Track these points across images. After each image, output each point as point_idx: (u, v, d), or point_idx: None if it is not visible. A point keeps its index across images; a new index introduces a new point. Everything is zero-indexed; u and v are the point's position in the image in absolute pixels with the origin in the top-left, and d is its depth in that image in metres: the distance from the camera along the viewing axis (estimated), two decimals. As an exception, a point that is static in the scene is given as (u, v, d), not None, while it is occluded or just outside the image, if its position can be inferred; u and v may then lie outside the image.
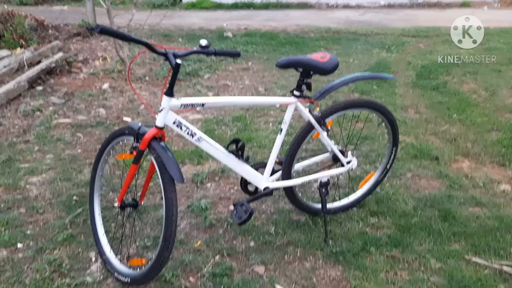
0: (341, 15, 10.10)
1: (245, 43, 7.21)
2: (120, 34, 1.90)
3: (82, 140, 3.67)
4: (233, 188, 2.93)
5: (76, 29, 7.54)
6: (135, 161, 2.03)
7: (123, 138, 2.15)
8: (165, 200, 1.92)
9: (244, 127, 3.87)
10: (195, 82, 5.18)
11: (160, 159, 1.93)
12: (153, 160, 1.97)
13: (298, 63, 2.23)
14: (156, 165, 1.95)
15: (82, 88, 4.92)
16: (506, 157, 3.21)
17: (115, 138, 2.19)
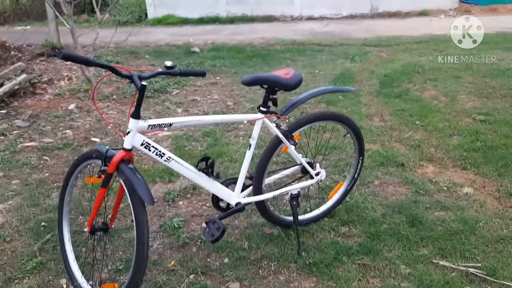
0: (305, 27, 10.30)
1: (212, 57, 7.26)
2: (83, 59, 1.90)
3: (49, 163, 3.60)
4: (205, 204, 2.93)
5: (39, 49, 7.41)
6: (104, 185, 2.01)
7: (91, 162, 2.14)
8: (136, 222, 1.91)
9: (214, 142, 3.89)
10: (164, 98, 5.17)
11: (129, 182, 1.93)
12: (122, 183, 1.96)
13: (263, 80, 2.28)
14: (125, 188, 1.95)
15: (47, 110, 4.84)
16: (467, 160, 3.34)
17: (82, 161, 2.17)
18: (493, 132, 3.82)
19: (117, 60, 7.21)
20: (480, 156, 3.38)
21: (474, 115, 4.20)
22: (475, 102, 4.61)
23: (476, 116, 4.17)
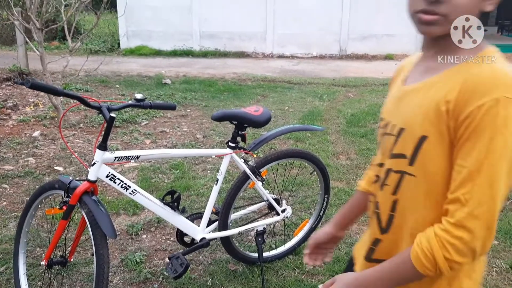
0: (276, 65, 10.56)
1: (183, 90, 7.30)
2: (51, 89, 1.88)
3: (8, 191, 3.47)
4: (170, 239, 2.88)
5: (6, 74, 7.28)
6: (65, 217, 1.96)
7: (53, 192, 2.08)
8: (96, 256, 1.86)
9: (181, 175, 3.86)
10: (132, 129, 5.13)
11: (91, 214, 1.88)
12: (84, 215, 1.92)
13: (232, 116, 2.32)
14: (87, 220, 1.90)
15: (10, 136, 4.70)
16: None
17: (44, 191, 2.11)
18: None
19: (87, 88, 7.14)
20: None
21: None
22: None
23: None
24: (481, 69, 0.90)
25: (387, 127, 1.05)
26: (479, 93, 0.85)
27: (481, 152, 0.85)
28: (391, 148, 1.01)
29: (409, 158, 0.95)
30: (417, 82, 1.00)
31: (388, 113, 1.08)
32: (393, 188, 1.01)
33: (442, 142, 0.90)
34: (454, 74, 0.92)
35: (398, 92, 1.06)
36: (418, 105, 0.95)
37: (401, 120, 0.99)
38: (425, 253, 0.89)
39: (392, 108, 1.07)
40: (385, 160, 1.04)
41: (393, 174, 1.00)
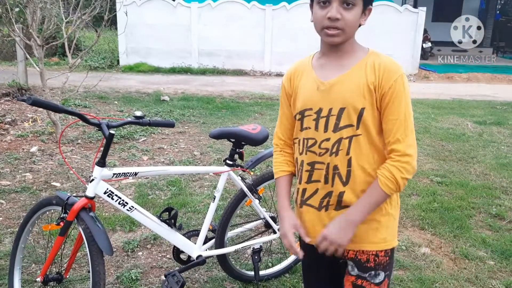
0: (274, 83, 10.65)
1: (182, 107, 7.34)
2: (52, 106, 1.90)
3: (4, 207, 3.46)
4: (166, 256, 2.87)
5: (5, 89, 7.30)
6: (62, 233, 1.96)
7: (50, 208, 2.09)
8: (92, 273, 1.85)
9: (178, 192, 3.86)
10: (130, 145, 5.14)
11: (88, 230, 1.89)
12: (81, 231, 1.92)
13: (230, 134, 2.34)
14: (84, 236, 1.91)
15: (8, 151, 4.71)
16: (425, 220, 3.45)
17: (42, 207, 2.12)
18: (449, 194, 3.99)
19: (85, 104, 7.17)
20: (437, 217, 3.50)
21: (431, 177, 4.38)
22: (432, 164, 4.82)
23: (434, 178, 4.35)
24: (382, 59, 1.40)
25: (320, 112, 1.44)
26: (391, 73, 1.37)
27: (402, 108, 1.36)
28: (336, 124, 1.41)
29: (355, 125, 1.40)
30: (336, 76, 1.42)
31: (313, 103, 1.46)
32: (346, 150, 1.41)
33: (373, 109, 1.39)
34: (363, 66, 1.40)
35: (322, 86, 1.44)
36: (350, 90, 1.39)
37: (336, 104, 1.41)
38: (389, 179, 1.37)
39: (317, 98, 1.45)
40: (330, 134, 1.42)
41: (344, 140, 1.41)
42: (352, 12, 1.35)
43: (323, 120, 1.43)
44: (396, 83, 1.35)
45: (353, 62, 1.41)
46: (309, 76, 1.49)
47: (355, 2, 1.35)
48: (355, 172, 1.41)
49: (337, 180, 1.43)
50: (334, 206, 1.46)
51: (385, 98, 1.37)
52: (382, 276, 1.47)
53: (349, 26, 1.36)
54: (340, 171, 1.42)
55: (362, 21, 1.41)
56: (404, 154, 1.36)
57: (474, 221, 3.48)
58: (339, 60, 1.43)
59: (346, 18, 1.34)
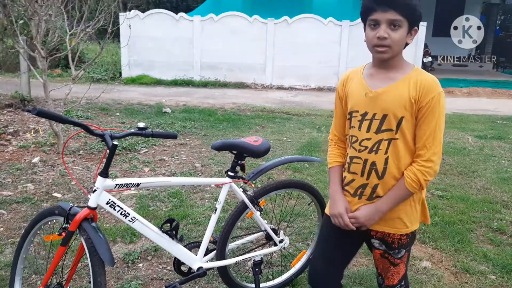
0: (275, 96, 10.71)
1: (183, 119, 7.38)
2: (57, 116, 1.92)
3: (5, 217, 3.47)
4: (166, 268, 2.87)
5: (8, 100, 7.35)
6: (64, 243, 1.96)
7: (52, 218, 2.09)
8: (93, 284, 1.85)
9: (179, 203, 3.86)
10: (131, 156, 5.16)
11: (90, 241, 1.89)
12: (83, 241, 1.93)
13: (232, 146, 2.36)
14: (85, 246, 1.91)
15: (10, 162, 4.72)
16: (426, 234, 3.45)
17: (43, 217, 2.12)
18: (450, 207, 3.99)
19: (87, 115, 7.21)
20: (438, 231, 3.50)
21: (432, 190, 4.39)
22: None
23: (434, 192, 4.35)
24: (424, 76, 1.63)
25: (366, 116, 1.69)
26: (430, 91, 1.60)
27: (434, 121, 1.60)
28: (378, 127, 1.67)
29: (395, 130, 1.64)
30: (384, 87, 1.66)
31: (361, 107, 1.71)
32: (385, 150, 1.67)
33: (411, 118, 1.63)
34: (407, 80, 1.64)
35: (370, 93, 1.69)
36: (394, 100, 1.63)
37: (381, 110, 1.66)
38: (414, 181, 1.63)
39: (365, 103, 1.70)
40: (372, 135, 1.68)
41: (384, 141, 1.66)
42: (398, 32, 1.58)
43: (366, 122, 1.69)
44: (433, 100, 1.59)
45: (399, 76, 1.65)
46: (359, 83, 1.74)
47: (401, 24, 1.57)
48: (390, 170, 1.67)
49: (374, 174, 1.70)
50: (367, 196, 1.73)
51: (422, 110, 1.60)
52: (403, 252, 1.80)
53: (395, 44, 1.59)
54: (377, 167, 1.68)
55: (408, 40, 1.63)
56: (428, 159, 1.61)
57: (475, 235, 3.47)
58: (387, 73, 1.67)
59: (392, 37, 1.58)
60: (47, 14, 5.08)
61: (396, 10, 1.56)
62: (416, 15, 1.60)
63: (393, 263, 1.81)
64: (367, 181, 1.71)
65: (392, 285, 1.85)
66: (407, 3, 1.57)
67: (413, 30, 1.61)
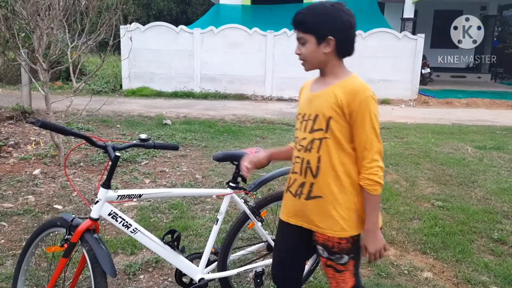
0: (275, 107, 10.75)
1: (184, 130, 7.40)
2: (60, 128, 1.94)
3: (6, 229, 3.47)
4: (167, 279, 2.86)
5: (9, 112, 7.38)
6: (66, 255, 1.96)
7: (54, 230, 2.10)
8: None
9: (180, 215, 3.87)
10: (132, 168, 5.16)
11: (92, 252, 1.90)
12: (85, 253, 1.93)
13: (233, 157, 2.37)
14: (88, 258, 1.91)
15: (10, 174, 4.73)
16: (426, 245, 3.45)
17: (46, 229, 2.13)
18: (450, 218, 3.99)
19: (88, 128, 7.23)
20: (438, 241, 3.50)
21: (432, 201, 4.39)
22: (433, 188, 4.83)
23: (435, 202, 4.36)
24: (354, 82, 1.75)
25: (305, 117, 1.82)
26: (357, 95, 1.70)
27: (366, 123, 1.69)
28: (311, 127, 1.78)
29: (325, 129, 1.74)
30: (318, 91, 1.81)
31: (303, 109, 1.85)
32: (317, 149, 1.76)
33: (341, 120, 1.72)
34: (339, 85, 1.75)
35: (309, 96, 1.84)
36: (324, 101, 1.75)
37: (314, 111, 1.78)
38: (370, 184, 1.71)
39: (306, 106, 1.84)
40: (307, 135, 1.79)
41: (316, 141, 1.76)
42: (306, 47, 1.76)
43: (304, 123, 1.82)
44: (361, 103, 1.69)
45: (333, 82, 1.77)
46: (308, 88, 1.90)
47: (306, 40, 1.75)
48: (323, 168, 1.76)
49: (309, 173, 1.79)
50: (305, 195, 1.82)
51: (352, 114, 1.70)
52: (346, 258, 1.81)
53: (307, 57, 1.78)
54: (311, 165, 1.78)
55: (325, 50, 1.75)
56: (372, 160, 1.71)
57: (476, 246, 3.47)
58: (324, 79, 1.82)
59: (303, 52, 1.78)
60: (49, 27, 5.13)
61: (299, 29, 1.76)
62: (320, 30, 1.72)
63: (336, 270, 1.82)
64: (304, 179, 1.81)
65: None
66: (305, 22, 1.74)
67: (328, 40, 1.72)
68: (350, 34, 1.77)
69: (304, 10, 1.76)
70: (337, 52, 1.76)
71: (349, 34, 1.76)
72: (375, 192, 1.72)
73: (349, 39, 1.77)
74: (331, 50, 1.75)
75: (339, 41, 1.74)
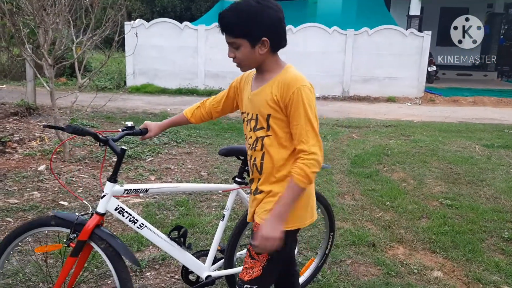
0: (280, 104, 10.67)
1: (188, 127, 7.36)
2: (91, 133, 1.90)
3: (12, 225, 3.44)
4: (174, 277, 2.83)
5: (13, 108, 7.37)
6: (75, 253, 1.91)
7: (45, 229, 1.97)
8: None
9: (186, 212, 3.83)
10: (137, 165, 5.13)
11: (111, 248, 1.88)
12: (100, 250, 1.90)
13: (239, 151, 2.33)
14: (105, 255, 1.89)
15: (16, 169, 4.71)
16: (436, 244, 3.40)
17: (33, 228, 1.97)
18: (459, 217, 3.93)
19: (93, 124, 7.21)
20: (448, 240, 3.45)
21: (441, 199, 4.34)
22: (441, 186, 4.78)
23: (443, 201, 4.30)
24: (287, 75, 1.72)
25: (248, 116, 1.82)
26: (290, 87, 1.67)
27: (301, 114, 1.65)
28: (255, 126, 1.78)
29: (266, 127, 1.75)
30: (257, 89, 1.78)
31: (246, 108, 1.85)
32: (260, 146, 1.78)
33: (280, 116, 1.71)
34: (275, 81, 1.72)
35: (250, 96, 1.81)
36: (262, 100, 1.74)
37: (254, 111, 1.78)
38: (300, 174, 1.64)
39: (247, 105, 1.83)
40: (252, 133, 1.80)
41: (259, 139, 1.77)
42: (240, 51, 1.70)
43: (248, 122, 1.83)
44: (294, 95, 1.65)
45: (270, 77, 1.75)
46: (248, 85, 1.87)
47: (240, 44, 1.69)
48: (266, 165, 1.77)
49: (255, 170, 1.83)
50: (253, 191, 1.87)
51: (288, 107, 1.68)
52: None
53: (243, 60, 1.73)
54: (257, 162, 1.81)
55: (260, 52, 1.70)
56: (309, 152, 1.64)
57: (486, 245, 3.42)
58: (262, 76, 1.78)
59: (238, 56, 1.72)
60: (55, 22, 5.10)
61: (229, 34, 1.69)
62: (252, 33, 1.66)
63: (250, 255, 1.82)
64: (253, 176, 1.86)
65: (242, 279, 1.83)
66: (235, 27, 1.67)
67: (262, 41, 1.68)
68: (282, 28, 1.73)
69: (230, 12, 1.67)
70: (272, 49, 1.73)
71: (281, 29, 1.72)
72: (300, 183, 1.64)
73: (282, 33, 1.73)
74: (267, 49, 1.71)
75: (273, 39, 1.70)
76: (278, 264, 1.86)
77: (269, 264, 1.80)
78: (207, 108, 2.13)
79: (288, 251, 1.89)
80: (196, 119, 2.15)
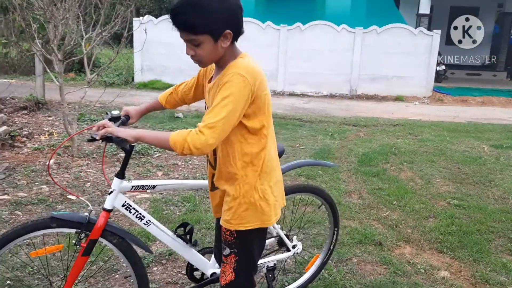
0: (287, 102, 10.68)
1: (195, 124, 7.31)
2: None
3: (20, 218, 3.47)
4: (181, 272, 2.84)
5: (23, 103, 7.42)
6: (87, 253, 1.90)
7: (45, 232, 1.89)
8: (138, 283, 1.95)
9: (193, 208, 3.84)
10: (145, 160, 5.16)
11: (124, 243, 1.93)
12: (113, 246, 1.92)
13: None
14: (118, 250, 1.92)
15: (25, 164, 4.75)
16: (443, 243, 3.38)
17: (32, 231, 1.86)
18: (467, 217, 3.91)
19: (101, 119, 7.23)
20: (455, 240, 3.43)
21: (448, 199, 4.31)
22: (449, 186, 4.75)
23: (451, 201, 4.28)
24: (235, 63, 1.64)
25: (206, 109, 1.78)
26: (226, 74, 1.60)
27: (219, 99, 1.57)
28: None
29: None
30: (213, 81, 1.73)
31: (207, 100, 1.83)
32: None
33: None
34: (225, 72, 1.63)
35: (207, 88, 1.80)
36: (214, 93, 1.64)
37: (209, 103, 1.73)
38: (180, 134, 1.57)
39: (206, 96, 1.82)
40: None
41: None
42: (201, 48, 1.62)
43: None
44: (225, 79, 1.59)
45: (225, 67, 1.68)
46: (209, 76, 1.86)
47: (201, 41, 1.60)
48: (219, 160, 1.77)
49: (209, 165, 1.86)
50: (210, 186, 1.89)
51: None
52: (227, 251, 1.82)
53: (206, 57, 1.66)
54: (210, 157, 1.84)
55: (223, 45, 1.64)
56: (199, 130, 1.56)
57: (494, 246, 3.40)
58: (218, 69, 1.74)
59: (198, 53, 1.65)
60: (65, 17, 5.13)
61: (188, 32, 1.59)
62: (215, 28, 1.58)
63: (222, 259, 1.87)
64: (208, 171, 1.88)
65: (220, 284, 1.86)
66: (195, 25, 1.57)
67: (225, 34, 1.61)
68: (241, 17, 1.65)
69: (187, 8, 1.55)
70: (233, 40, 1.66)
71: (240, 17, 1.65)
72: (171, 139, 1.58)
73: (241, 22, 1.66)
74: (229, 41, 1.64)
75: (235, 29, 1.64)
76: (250, 265, 1.87)
77: (238, 265, 1.81)
78: (179, 94, 2.10)
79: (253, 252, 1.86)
80: (170, 105, 2.14)
